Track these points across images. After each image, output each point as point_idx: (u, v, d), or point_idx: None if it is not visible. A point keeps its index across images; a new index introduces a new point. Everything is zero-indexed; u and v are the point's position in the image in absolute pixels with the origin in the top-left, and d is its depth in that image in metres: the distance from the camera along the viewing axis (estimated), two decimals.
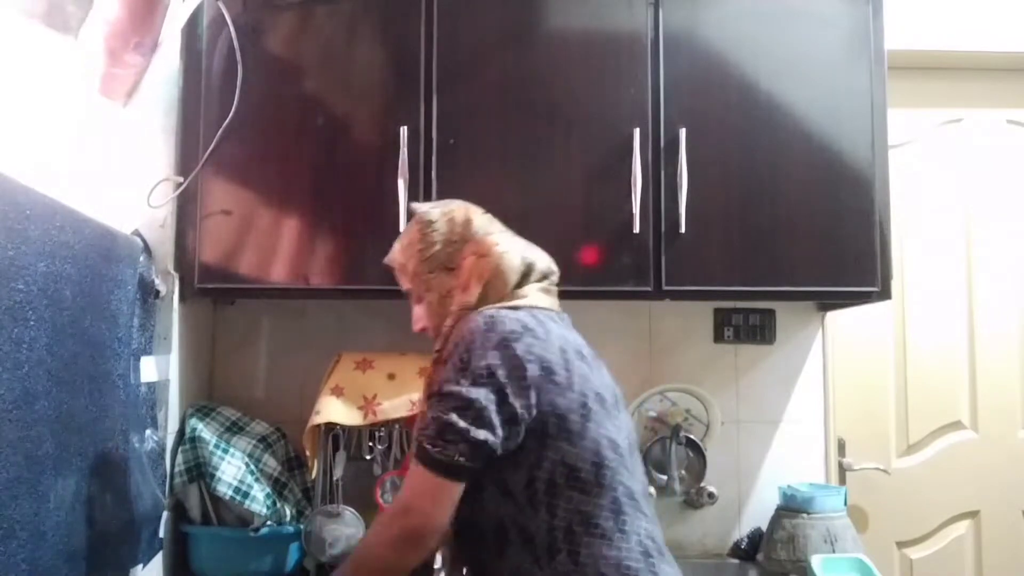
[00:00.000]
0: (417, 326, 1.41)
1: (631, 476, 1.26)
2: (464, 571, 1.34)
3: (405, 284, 1.42)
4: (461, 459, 1.16)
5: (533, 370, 1.20)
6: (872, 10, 1.89)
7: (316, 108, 1.81)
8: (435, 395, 1.21)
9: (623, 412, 1.32)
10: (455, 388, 1.18)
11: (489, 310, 1.26)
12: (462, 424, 1.16)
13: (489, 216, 1.40)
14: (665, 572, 1.23)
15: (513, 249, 1.35)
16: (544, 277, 1.36)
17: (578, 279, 1.72)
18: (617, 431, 1.26)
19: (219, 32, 1.80)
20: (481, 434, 1.16)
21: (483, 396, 1.17)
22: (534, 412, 1.19)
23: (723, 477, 2.11)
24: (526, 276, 1.33)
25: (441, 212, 1.39)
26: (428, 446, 1.17)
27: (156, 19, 1.65)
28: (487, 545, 1.22)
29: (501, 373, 1.18)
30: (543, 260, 1.38)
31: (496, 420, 1.17)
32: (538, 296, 1.33)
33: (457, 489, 1.18)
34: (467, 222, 1.36)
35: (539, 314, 1.29)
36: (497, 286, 1.31)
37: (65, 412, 1.22)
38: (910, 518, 2.30)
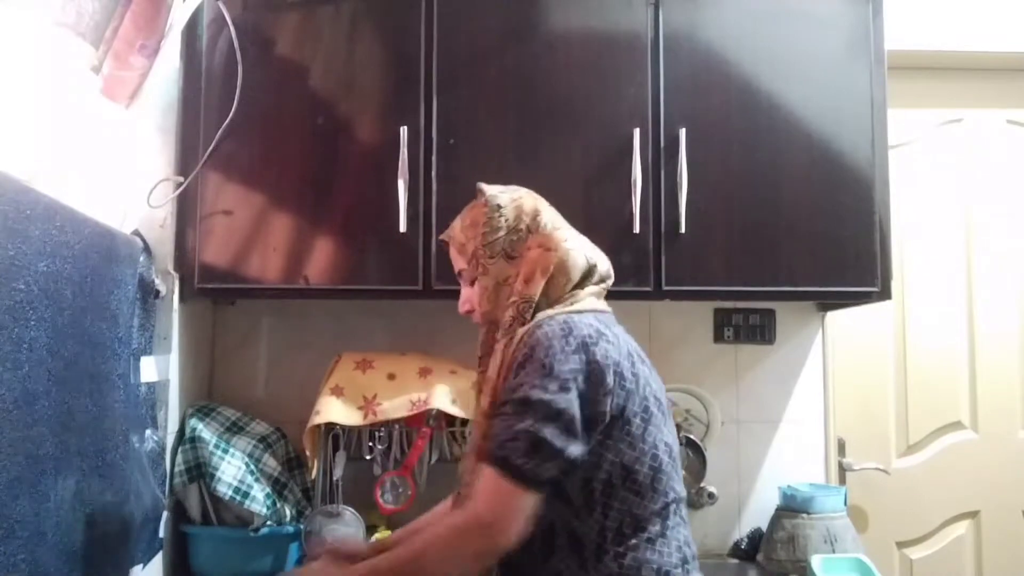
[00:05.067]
0: (463, 308, 1.39)
1: (679, 482, 1.27)
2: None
3: (459, 264, 1.39)
4: (552, 474, 1.14)
5: (610, 375, 1.19)
6: (872, 10, 1.89)
7: (316, 108, 1.81)
8: (516, 402, 1.17)
9: (671, 418, 1.32)
10: (543, 396, 1.15)
11: (561, 315, 1.24)
12: (559, 443, 1.13)
13: (555, 210, 1.39)
14: None
15: (579, 247, 1.33)
16: (602, 280, 1.36)
17: None
18: (671, 435, 1.27)
19: (219, 32, 1.80)
20: (576, 450, 1.15)
21: (570, 403, 1.15)
22: (608, 418, 1.19)
23: (723, 477, 2.11)
24: (587, 276, 1.33)
25: (510, 198, 1.36)
26: (519, 462, 1.13)
27: (160, 21, 1.65)
28: (532, 550, 1.19)
29: (582, 379, 1.17)
30: (604, 262, 1.37)
31: (582, 429, 1.16)
32: (594, 300, 1.33)
33: (537, 501, 1.15)
34: (535, 213, 1.34)
35: (603, 317, 1.29)
36: (559, 282, 1.29)
37: (65, 412, 1.22)
38: (910, 518, 2.30)
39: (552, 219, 1.35)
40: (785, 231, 1.83)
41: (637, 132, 1.80)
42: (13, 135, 1.25)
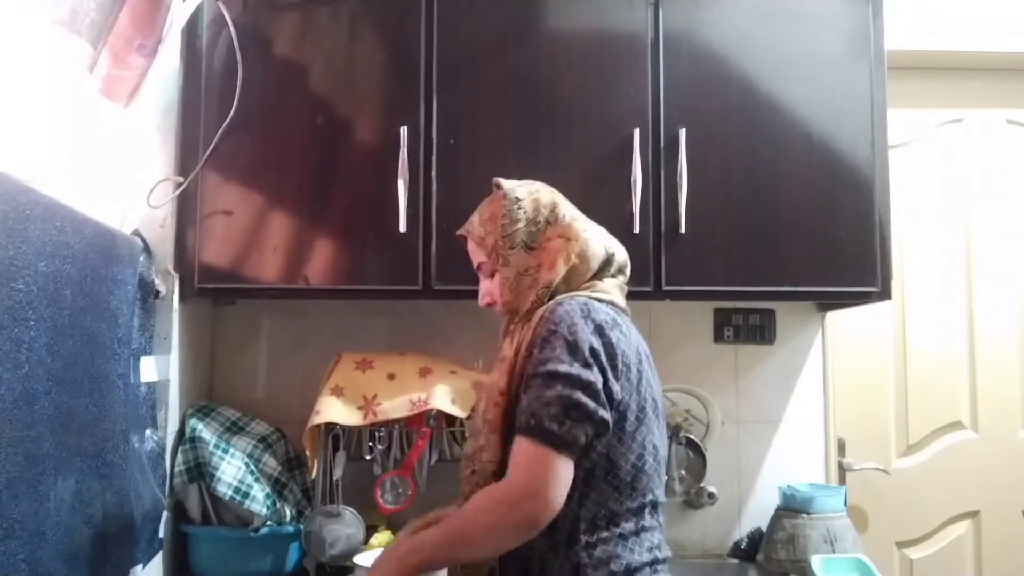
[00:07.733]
0: (484, 301, 1.42)
1: (660, 486, 1.29)
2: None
3: (479, 257, 1.43)
4: (584, 438, 1.17)
5: (620, 361, 1.23)
6: (872, 10, 1.89)
7: (316, 108, 1.81)
8: (544, 375, 1.19)
9: (664, 423, 1.34)
10: (570, 369, 1.18)
11: (580, 296, 1.28)
12: (590, 404, 1.17)
13: (570, 202, 1.42)
14: None
15: (597, 237, 1.37)
16: (620, 270, 1.39)
17: None
18: (661, 440, 1.29)
19: (219, 32, 1.80)
20: (603, 412, 1.18)
21: (595, 377, 1.19)
22: (620, 398, 1.22)
23: (723, 477, 2.11)
24: (607, 264, 1.36)
25: (527, 191, 1.40)
26: (552, 426, 1.16)
27: (159, 21, 1.65)
28: None
29: (603, 356, 1.21)
30: (622, 252, 1.41)
31: (606, 401, 1.19)
32: (618, 294, 1.36)
33: (572, 469, 1.18)
34: (553, 205, 1.39)
35: (619, 314, 1.32)
36: (580, 270, 1.33)
37: (65, 412, 1.22)
38: (910, 518, 2.30)
39: (569, 211, 1.40)
40: (785, 231, 1.83)
41: (637, 132, 1.80)
42: (13, 135, 1.25)
